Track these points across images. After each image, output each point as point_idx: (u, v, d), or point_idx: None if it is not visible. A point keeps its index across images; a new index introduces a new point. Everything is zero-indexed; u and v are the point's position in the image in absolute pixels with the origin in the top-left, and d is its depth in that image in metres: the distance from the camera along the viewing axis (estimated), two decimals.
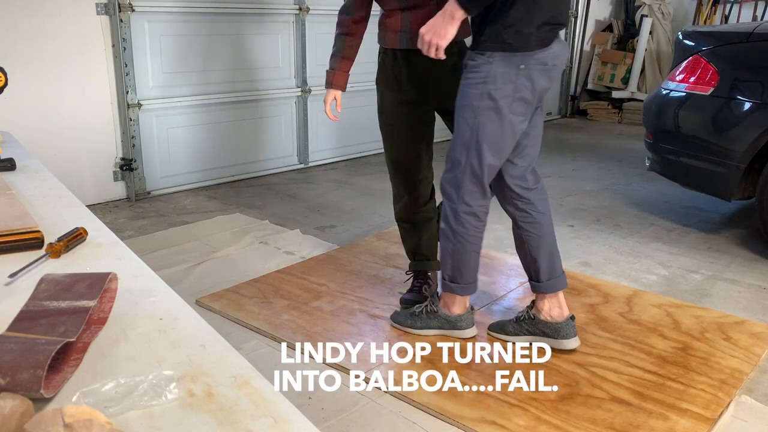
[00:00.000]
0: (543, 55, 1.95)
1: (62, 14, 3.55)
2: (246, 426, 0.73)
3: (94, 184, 3.89)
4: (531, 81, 1.95)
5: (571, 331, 2.21)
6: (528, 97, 1.98)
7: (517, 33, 1.90)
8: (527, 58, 1.92)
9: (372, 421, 1.88)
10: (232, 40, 4.28)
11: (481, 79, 1.95)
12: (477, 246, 2.19)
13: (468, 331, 2.30)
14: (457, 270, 2.21)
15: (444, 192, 2.17)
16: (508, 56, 1.92)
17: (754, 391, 2.07)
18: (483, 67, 1.95)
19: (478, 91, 1.97)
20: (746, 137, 3.06)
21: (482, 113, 1.98)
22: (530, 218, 2.19)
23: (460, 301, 2.28)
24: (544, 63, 1.96)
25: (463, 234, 2.14)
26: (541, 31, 1.93)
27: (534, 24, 1.91)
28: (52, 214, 1.42)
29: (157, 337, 0.92)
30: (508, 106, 1.96)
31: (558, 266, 2.24)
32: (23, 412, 0.69)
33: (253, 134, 4.57)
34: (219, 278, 2.84)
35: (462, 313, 2.30)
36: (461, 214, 2.12)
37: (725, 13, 6.92)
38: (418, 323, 2.33)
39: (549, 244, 2.22)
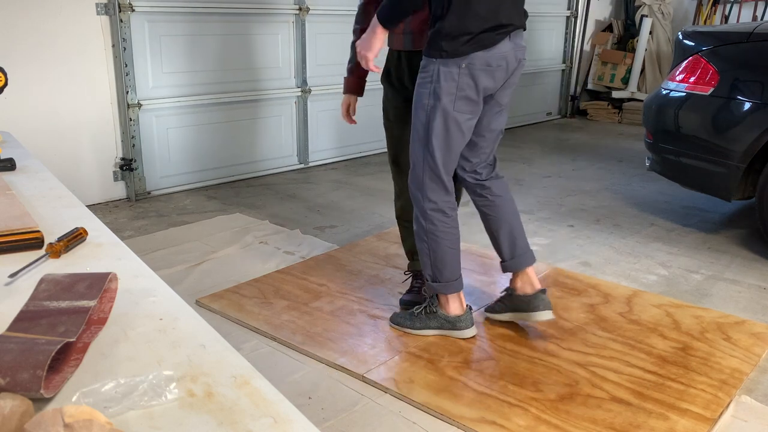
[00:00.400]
0: (485, 56, 2.02)
1: (62, 14, 3.55)
2: (246, 426, 0.73)
3: (94, 184, 3.90)
4: (473, 80, 2.04)
5: (540, 303, 2.27)
6: (472, 95, 2.06)
7: (452, 41, 2.00)
8: (466, 60, 2.01)
9: (372, 421, 1.88)
10: (232, 40, 4.28)
11: (428, 78, 2.07)
12: (451, 242, 2.23)
13: (467, 331, 2.31)
14: (436, 269, 2.25)
15: (411, 194, 2.26)
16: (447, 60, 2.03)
17: (754, 391, 2.07)
18: (429, 67, 2.07)
19: (426, 90, 2.08)
20: (746, 137, 3.06)
21: (431, 112, 2.09)
22: (487, 201, 2.30)
23: (454, 300, 2.30)
24: (487, 64, 2.03)
25: (433, 231, 2.20)
26: (478, 37, 2.00)
27: (469, 32, 1.99)
28: (52, 214, 1.42)
29: (157, 337, 0.92)
30: (452, 103, 2.05)
31: (520, 245, 2.32)
32: (23, 412, 0.69)
33: (253, 134, 4.57)
34: (219, 278, 2.84)
35: (460, 314, 2.30)
36: (428, 212, 2.20)
37: (725, 13, 6.92)
38: (417, 324, 2.34)
39: (508, 224, 2.31)
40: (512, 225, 2.31)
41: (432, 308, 2.33)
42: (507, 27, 2.04)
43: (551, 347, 2.27)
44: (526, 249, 2.33)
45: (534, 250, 3.16)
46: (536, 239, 3.40)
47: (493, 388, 2.02)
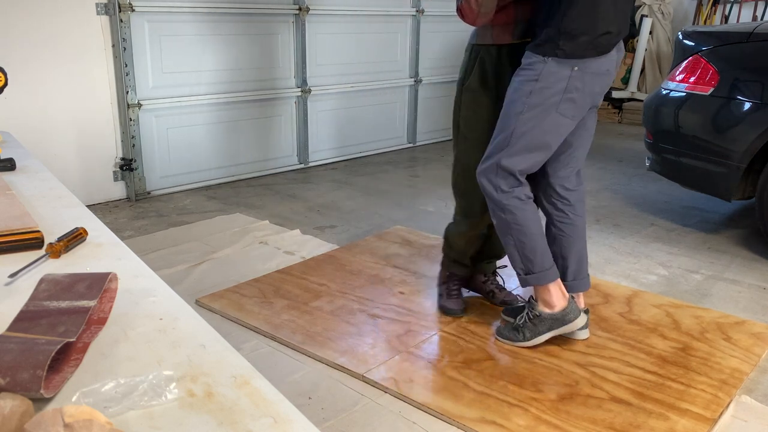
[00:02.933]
0: (597, 63, 1.98)
1: (62, 14, 3.55)
2: (246, 426, 0.73)
3: (94, 184, 3.89)
4: (583, 83, 1.99)
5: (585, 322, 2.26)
6: (578, 99, 2.01)
7: (570, 40, 1.93)
8: (581, 63, 1.96)
9: (372, 421, 1.88)
10: (232, 40, 4.28)
11: (534, 76, 1.99)
12: (535, 228, 2.14)
13: (579, 321, 2.21)
14: (526, 259, 2.16)
15: (481, 186, 2.16)
16: (562, 60, 1.96)
17: (754, 391, 2.07)
18: (537, 65, 1.99)
19: (528, 88, 2.00)
20: (746, 137, 3.06)
21: (529, 109, 2.00)
22: (567, 219, 2.24)
23: (556, 290, 2.19)
24: (599, 69, 1.99)
25: (513, 221, 2.12)
26: (597, 40, 1.95)
27: (590, 33, 1.94)
28: (52, 214, 1.42)
29: (157, 337, 0.92)
30: (557, 105, 1.99)
31: (584, 268, 2.28)
32: (23, 412, 0.69)
33: (253, 134, 4.57)
34: (219, 278, 2.84)
35: (566, 305, 2.19)
36: (504, 202, 2.11)
37: (725, 13, 6.92)
38: (528, 334, 2.22)
39: (580, 246, 2.26)
40: (582, 246, 2.27)
41: (534, 312, 2.21)
42: (619, 34, 2.01)
43: (551, 347, 2.27)
44: (587, 273, 2.31)
45: None
46: None
47: (493, 388, 2.02)
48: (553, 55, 1.96)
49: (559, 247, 2.26)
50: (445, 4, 5.50)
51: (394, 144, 5.56)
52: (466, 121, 2.27)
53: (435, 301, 2.61)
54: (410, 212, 3.86)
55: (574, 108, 2.02)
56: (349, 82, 5.03)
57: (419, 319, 2.46)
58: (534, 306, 2.22)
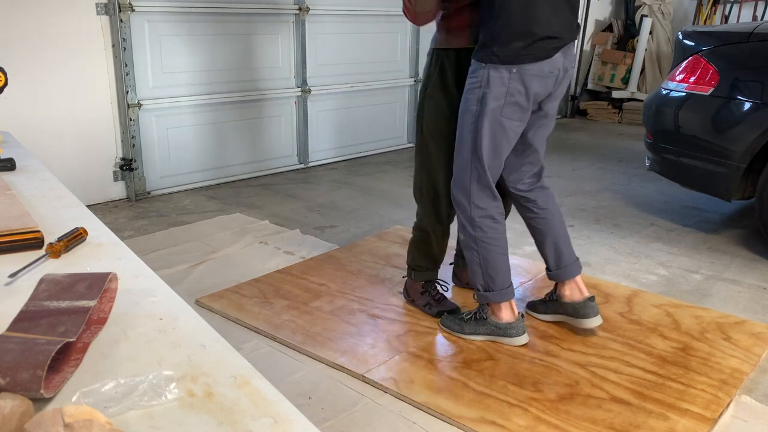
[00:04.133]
0: (538, 66, 1.98)
1: (62, 14, 3.55)
2: (246, 426, 0.73)
3: (94, 184, 3.89)
4: (524, 86, 2.00)
5: (590, 310, 2.28)
6: (522, 102, 2.02)
7: (505, 46, 1.95)
8: (518, 66, 1.97)
9: (372, 421, 1.88)
10: (232, 40, 4.28)
11: (477, 83, 2.03)
12: (501, 248, 2.20)
13: (519, 339, 2.26)
14: (488, 277, 2.20)
15: (455, 201, 2.20)
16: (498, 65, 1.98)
17: (754, 391, 2.07)
18: (478, 72, 2.02)
19: (474, 96, 2.04)
20: (746, 137, 3.06)
21: (479, 117, 2.04)
22: (531, 214, 2.31)
23: (506, 307, 2.24)
24: (540, 71, 1.99)
25: (483, 238, 2.17)
26: (533, 46, 1.95)
27: (523, 39, 1.94)
28: (52, 214, 1.42)
29: (157, 337, 0.92)
30: (501, 109, 2.01)
31: (566, 256, 2.31)
32: (23, 412, 0.69)
33: (253, 134, 4.57)
34: (219, 278, 2.84)
35: (512, 321, 2.25)
36: (477, 219, 2.16)
37: (725, 13, 6.92)
38: (467, 329, 2.30)
39: (553, 236, 2.30)
40: (557, 237, 2.30)
41: (482, 314, 2.27)
42: (561, 39, 2.00)
43: (551, 347, 2.27)
44: (572, 259, 2.33)
45: (534, 250, 3.17)
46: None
47: (493, 388, 2.02)
48: (489, 61, 1.98)
49: (534, 237, 2.35)
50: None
51: (394, 144, 5.56)
52: (429, 126, 2.26)
53: None
54: (410, 212, 3.85)
55: (519, 111, 2.04)
56: (349, 82, 5.03)
57: (419, 319, 2.46)
58: (484, 309, 2.28)
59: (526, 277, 2.87)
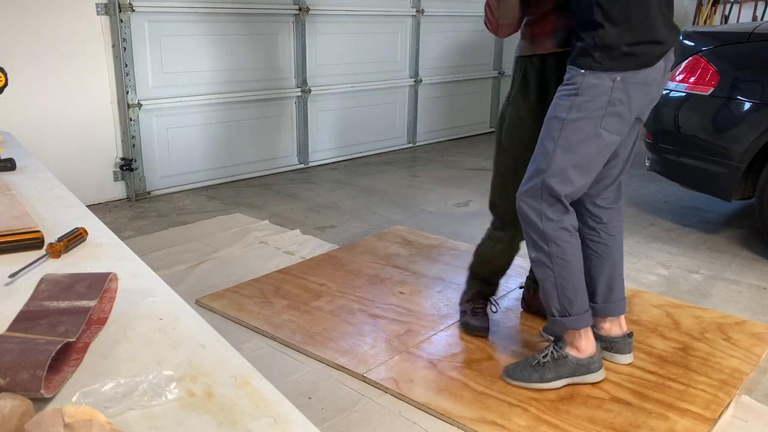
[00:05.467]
0: (642, 74, 1.82)
1: (62, 14, 3.55)
2: (246, 426, 0.73)
3: (94, 184, 3.89)
4: (627, 95, 1.82)
5: (627, 347, 2.14)
6: (624, 113, 1.83)
7: (607, 52, 1.79)
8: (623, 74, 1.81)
9: (372, 421, 1.88)
10: (232, 40, 4.28)
11: (573, 90, 1.83)
12: (579, 264, 1.97)
13: (599, 374, 2.05)
14: (566, 299, 1.96)
15: (521, 214, 1.97)
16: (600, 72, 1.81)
17: (754, 391, 2.07)
18: (576, 78, 1.84)
19: (568, 103, 1.84)
20: (746, 137, 3.06)
21: (569, 126, 1.84)
22: (598, 237, 2.08)
23: (587, 337, 2.01)
24: (644, 80, 1.83)
25: (558, 254, 1.92)
26: (636, 51, 1.80)
27: (627, 45, 1.79)
28: (52, 214, 1.42)
29: (157, 337, 0.92)
30: (600, 119, 1.82)
31: (617, 292, 2.12)
32: (23, 412, 0.69)
33: (253, 134, 4.57)
34: (219, 278, 2.84)
35: (593, 353, 2.02)
36: (549, 233, 1.92)
37: (725, 13, 6.92)
38: (548, 375, 2.00)
39: (611, 267, 2.10)
40: (614, 270, 2.10)
41: (560, 353, 2.01)
42: (665, 45, 1.84)
43: None
44: (622, 297, 2.13)
45: None
46: None
47: (493, 388, 2.02)
48: (590, 68, 1.80)
49: (588, 267, 2.08)
50: (445, 4, 5.50)
51: (394, 144, 5.56)
52: (508, 134, 2.16)
53: (435, 301, 2.61)
54: (410, 212, 3.86)
55: (620, 123, 1.84)
56: (349, 82, 5.03)
57: (419, 319, 2.46)
58: (562, 345, 2.02)
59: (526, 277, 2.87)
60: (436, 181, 4.57)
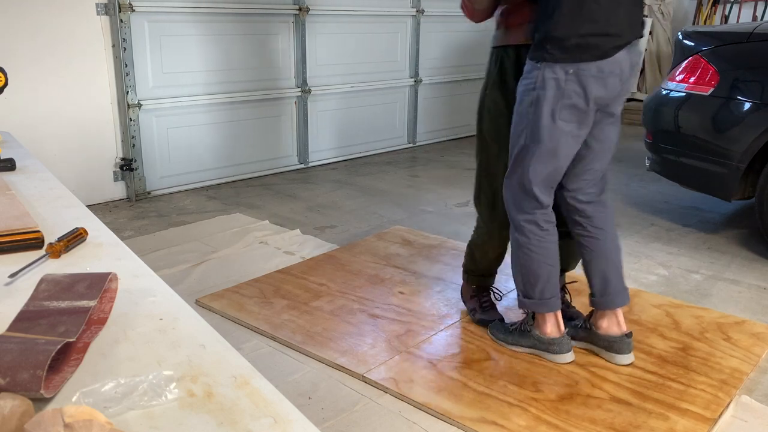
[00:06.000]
0: (596, 66, 1.86)
1: (62, 15, 3.55)
2: (246, 426, 0.73)
3: (94, 184, 3.89)
4: (582, 87, 1.87)
5: (625, 347, 2.15)
6: (579, 104, 1.89)
7: (558, 44, 1.85)
8: (575, 66, 1.85)
9: (372, 421, 1.88)
10: (232, 40, 4.28)
11: (531, 83, 1.92)
12: (545, 257, 2.07)
13: (562, 356, 2.15)
14: (528, 283, 2.10)
15: (505, 201, 2.13)
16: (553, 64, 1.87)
17: (754, 391, 2.07)
18: (533, 72, 1.92)
19: (528, 98, 1.94)
20: (746, 137, 3.06)
21: (531, 118, 1.93)
22: (585, 232, 2.13)
23: (550, 320, 2.14)
24: (599, 70, 1.86)
25: (525, 245, 2.07)
26: (588, 43, 1.84)
27: (577, 37, 1.83)
28: (52, 214, 1.42)
29: (157, 337, 0.92)
30: (558, 111, 1.90)
31: (613, 285, 2.14)
32: (23, 412, 0.69)
33: (253, 134, 4.57)
34: (219, 278, 2.84)
35: (556, 336, 2.14)
36: (522, 224, 2.07)
37: (725, 13, 6.92)
38: (510, 339, 2.23)
39: (604, 261, 2.13)
40: (607, 262, 2.13)
41: (526, 326, 2.19)
42: (621, 37, 1.87)
43: None
44: (621, 288, 2.16)
45: None
46: None
47: (493, 388, 2.02)
48: (543, 60, 1.88)
49: (582, 256, 2.17)
50: (445, 4, 5.50)
51: (394, 144, 5.56)
52: (488, 126, 2.21)
53: (435, 301, 2.61)
54: (410, 212, 3.86)
55: (577, 114, 1.91)
56: (349, 82, 5.03)
57: (419, 319, 2.46)
58: (529, 321, 2.20)
59: None
60: (436, 181, 4.57)
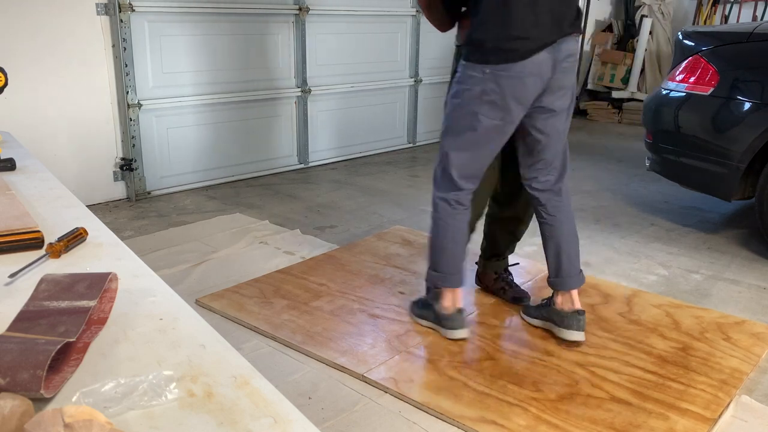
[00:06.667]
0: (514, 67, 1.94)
1: (62, 15, 3.55)
2: (246, 426, 0.73)
3: (94, 184, 3.89)
4: (498, 86, 1.97)
5: (574, 323, 2.25)
6: (497, 101, 1.99)
7: (476, 45, 1.97)
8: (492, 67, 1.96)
9: (372, 421, 1.88)
10: (232, 40, 4.27)
11: (458, 78, 2.07)
12: (452, 234, 2.21)
13: (452, 332, 2.28)
14: (435, 256, 2.25)
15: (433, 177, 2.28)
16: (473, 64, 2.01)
17: (754, 391, 2.07)
18: (459, 68, 2.07)
19: (454, 89, 2.09)
20: (746, 137, 3.06)
21: (455, 110, 2.08)
22: (542, 218, 2.30)
23: (447, 296, 2.27)
24: (517, 73, 1.95)
25: (436, 219, 2.22)
26: (504, 46, 1.93)
27: (493, 41, 1.94)
28: (52, 214, 1.42)
29: (157, 337, 0.92)
30: (477, 107, 2.02)
31: (565, 268, 2.28)
32: (23, 412, 0.69)
33: (253, 134, 4.56)
34: (219, 278, 2.84)
35: (449, 313, 2.27)
36: (436, 200, 2.22)
37: (725, 13, 6.92)
38: (416, 310, 2.40)
39: (556, 246, 2.28)
40: (559, 247, 2.27)
41: (430, 299, 2.34)
42: (536, 41, 1.93)
43: (551, 347, 2.27)
44: (573, 273, 2.29)
45: (533, 251, 3.17)
46: (536, 239, 3.39)
47: (493, 388, 2.02)
48: (467, 59, 2.01)
49: (543, 244, 2.34)
50: None
51: (394, 144, 5.56)
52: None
53: None
54: (410, 212, 3.86)
55: (496, 110, 2.01)
56: (349, 82, 5.03)
57: None
58: (432, 294, 2.34)
59: (526, 277, 2.87)
60: None
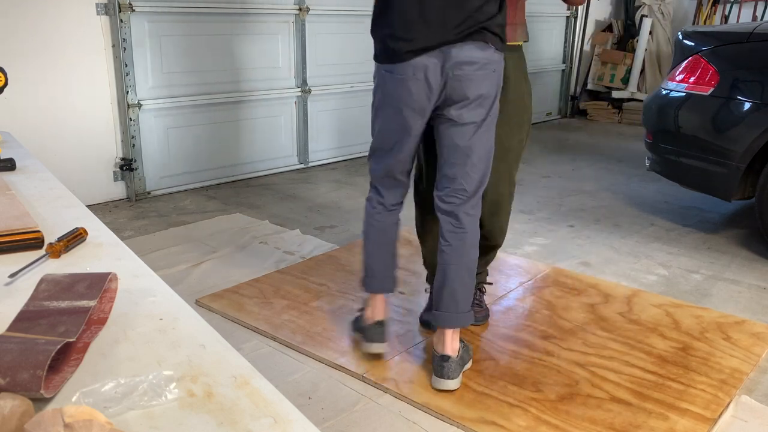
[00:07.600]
0: (396, 68, 1.89)
1: (62, 14, 3.55)
2: (246, 426, 0.73)
3: (94, 184, 3.89)
4: (387, 86, 1.94)
5: (438, 369, 2.00)
6: (392, 102, 1.94)
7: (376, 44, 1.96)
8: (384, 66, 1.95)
9: (372, 421, 1.88)
10: (232, 40, 4.28)
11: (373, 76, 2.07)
12: (373, 235, 2.13)
13: (367, 346, 2.14)
14: (363, 258, 2.19)
15: None
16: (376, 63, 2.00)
17: (754, 391, 2.07)
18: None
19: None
20: (746, 137, 3.06)
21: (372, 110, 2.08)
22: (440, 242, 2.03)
23: (370, 305, 2.17)
24: (400, 74, 1.88)
25: (364, 220, 2.17)
26: (385, 46, 1.90)
27: (381, 40, 1.93)
28: (52, 214, 1.42)
29: (157, 337, 0.92)
30: (381, 108, 2.01)
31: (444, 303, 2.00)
32: (23, 412, 0.69)
33: (253, 134, 4.56)
34: (219, 278, 2.84)
35: (367, 323, 2.16)
36: (366, 200, 2.19)
37: (725, 13, 6.92)
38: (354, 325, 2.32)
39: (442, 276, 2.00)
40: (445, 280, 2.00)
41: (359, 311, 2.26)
42: (416, 42, 1.83)
43: (551, 347, 2.27)
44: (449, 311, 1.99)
45: (534, 250, 3.17)
46: (536, 239, 3.40)
47: (493, 388, 2.02)
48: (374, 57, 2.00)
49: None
50: None
51: None
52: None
53: None
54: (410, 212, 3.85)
55: (392, 112, 1.95)
56: (349, 82, 5.03)
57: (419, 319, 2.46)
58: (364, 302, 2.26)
59: (525, 277, 2.87)
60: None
